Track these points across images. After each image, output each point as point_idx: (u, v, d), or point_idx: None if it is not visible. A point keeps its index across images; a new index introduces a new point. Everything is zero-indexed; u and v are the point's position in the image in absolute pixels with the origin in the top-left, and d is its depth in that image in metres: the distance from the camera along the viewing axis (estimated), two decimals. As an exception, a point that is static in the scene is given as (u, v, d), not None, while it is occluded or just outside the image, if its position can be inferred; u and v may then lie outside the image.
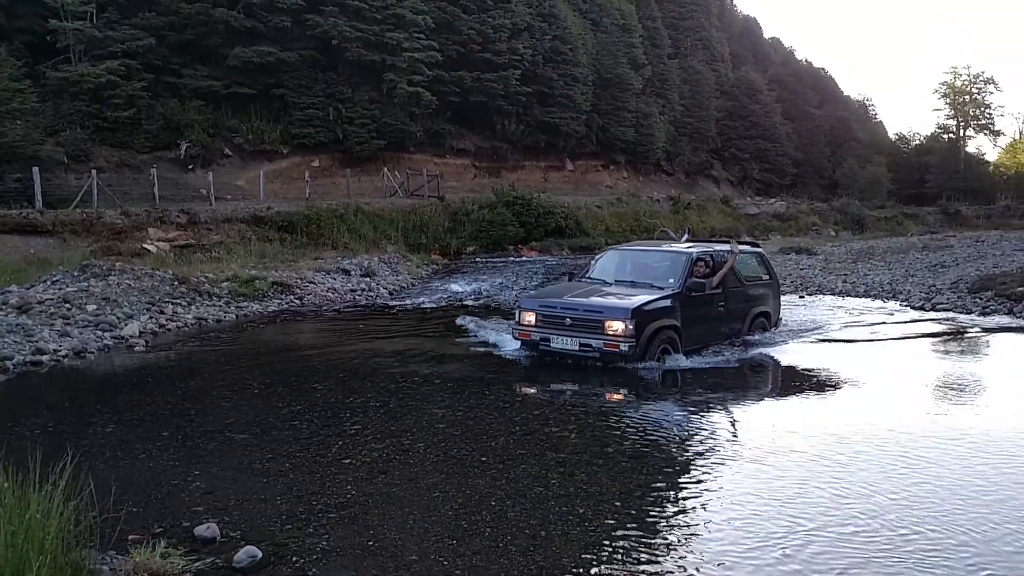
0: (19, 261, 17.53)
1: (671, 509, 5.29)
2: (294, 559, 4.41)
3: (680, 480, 5.89)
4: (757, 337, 11.57)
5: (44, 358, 10.04)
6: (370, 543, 4.67)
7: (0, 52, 24.49)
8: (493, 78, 38.43)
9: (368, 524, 4.98)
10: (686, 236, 13.25)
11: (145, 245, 21.31)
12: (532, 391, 9.12)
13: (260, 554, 4.40)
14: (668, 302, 9.91)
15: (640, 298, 9.84)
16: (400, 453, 6.54)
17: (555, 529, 4.92)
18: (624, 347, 9.31)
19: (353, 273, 20.02)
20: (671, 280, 10.29)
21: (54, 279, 14.23)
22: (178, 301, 14.08)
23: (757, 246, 12.72)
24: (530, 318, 10.03)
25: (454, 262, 27.10)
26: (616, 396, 8.79)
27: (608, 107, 46.43)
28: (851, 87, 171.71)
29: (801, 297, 17.26)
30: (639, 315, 9.42)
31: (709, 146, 58.50)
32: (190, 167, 29.50)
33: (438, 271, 24.46)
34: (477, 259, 27.59)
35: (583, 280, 11.15)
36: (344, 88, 33.98)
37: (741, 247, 11.79)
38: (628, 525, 4.97)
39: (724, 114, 60.23)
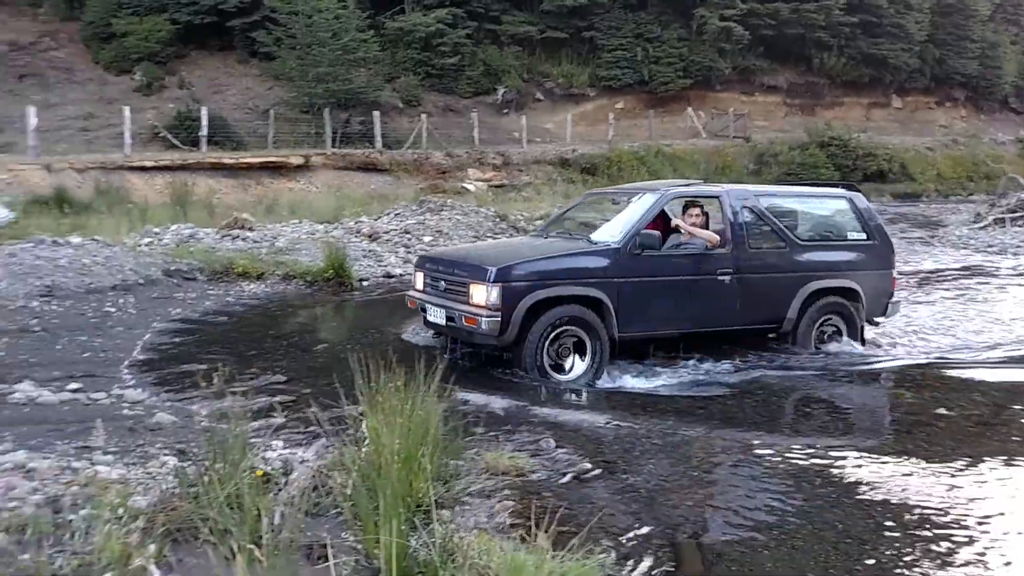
0: (363, 196, 19.87)
1: None
2: (623, 475, 4.69)
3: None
4: (838, 346, 7.59)
5: (392, 280, 11.43)
6: (693, 472, 4.83)
7: (348, 5, 27.39)
8: (813, 8, 35.81)
9: (691, 454, 5.15)
10: None
11: (465, 184, 23.15)
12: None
13: (590, 466, 4.75)
14: (585, 262, 6.79)
15: (525, 255, 6.94)
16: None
17: (912, 489, 4.72)
18: (483, 324, 6.32)
19: (656, 214, 20.14)
20: (617, 232, 7.03)
21: (396, 212, 15.98)
22: (499, 236, 15.17)
23: (853, 188, 8.53)
24: (419, 279, 7.46)
25: (759, 206, 26.11)
26: None
27: (947, 36, 41.25)
28: None
29: None
30: (506, 277, 6.40)
31: (1072, 78, 49.87)
32: (505, 111, 31.21)
33: (742, 215, 23.71)
34: (784, 203, 26.31)
35: (534, 232, 8.55)
36: (653, 27, 33.76)
37: (780, 188, 8.60)
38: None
39: (1096, 40, 50.80)
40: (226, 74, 29.50)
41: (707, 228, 7.43)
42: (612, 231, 7.05)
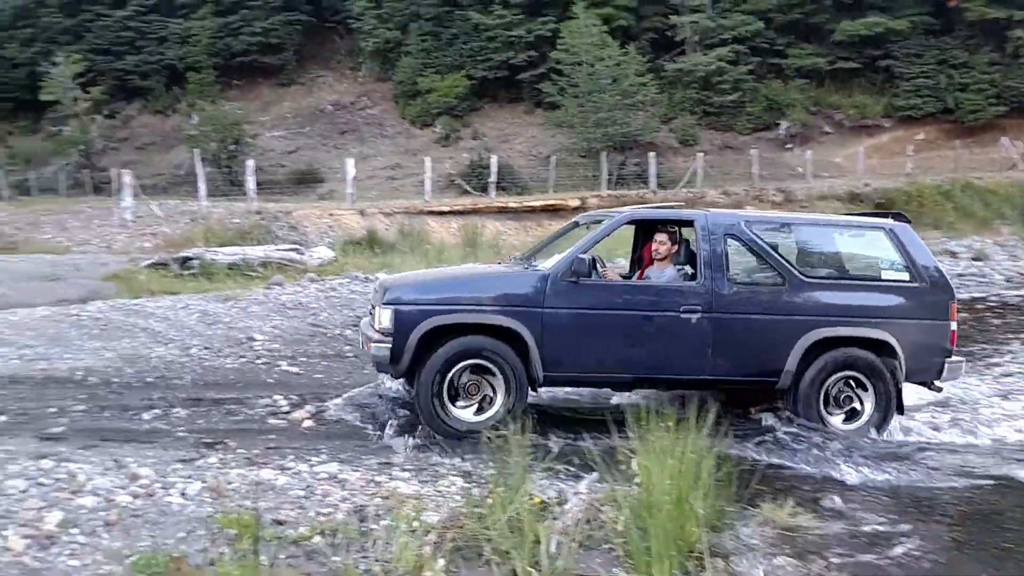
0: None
1: None
2: (919, 541, 4.25)
3: None
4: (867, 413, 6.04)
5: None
6: (1008, 543, 4.29)
7: (629, 50, 28.05)
8: None
9: (1001, 523, 4.58)
10: None
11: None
12: None
13: (883, 529, 4.38)
14: (500, 288, 5.87)
15: (432, 278, 6.48)
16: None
17: None
18: (373, 350, 5.66)
19: (961, 256, 18.33)
20: (560, 257, 5.98)
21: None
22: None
23: (903, 218, 6.57)
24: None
25: (1098, 246, 22.55)
26: None
27: None
28: None
29: None
30: (399, 300, 5.72)
31: None
32: (788, 146, 30.05)
33: (1075, 257, 20.65)
34: None
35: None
36: (959, 52, 30.87)
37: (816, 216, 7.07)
38: None
39: None
40: (514, 124, 31.54)
41: (689, 257, 6.29)
42: (559, 257, 6.06)
